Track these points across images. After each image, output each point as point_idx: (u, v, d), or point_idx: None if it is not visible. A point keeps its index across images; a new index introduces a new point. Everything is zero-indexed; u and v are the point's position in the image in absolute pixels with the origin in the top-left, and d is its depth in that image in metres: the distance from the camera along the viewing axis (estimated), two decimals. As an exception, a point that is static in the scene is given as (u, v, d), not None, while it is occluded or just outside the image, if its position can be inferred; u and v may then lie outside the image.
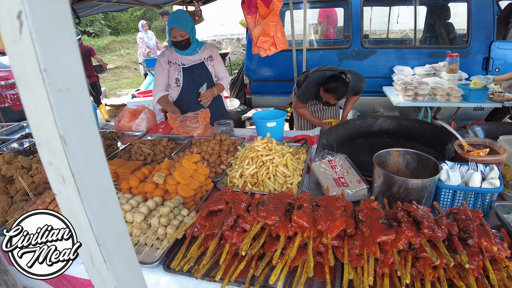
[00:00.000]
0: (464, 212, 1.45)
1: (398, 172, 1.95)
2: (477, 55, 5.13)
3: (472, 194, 1.74)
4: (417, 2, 5.53)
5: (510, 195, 1.96)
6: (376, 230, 1.35)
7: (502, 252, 1.29)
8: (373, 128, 2.91)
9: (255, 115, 2.95)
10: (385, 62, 5.29)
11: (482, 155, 1.87)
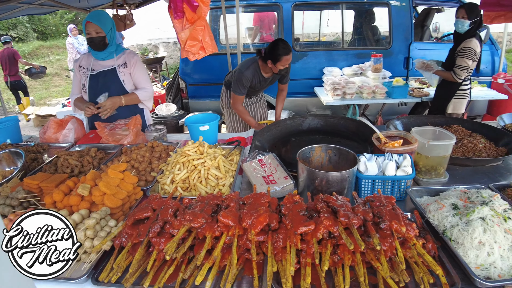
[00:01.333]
0: (379, 199, 1.58)
1: (322, 166, 2.07)
2: (399, 55, 5.58)
3: (389, 181, 1.90)
4: (344, 7, 5.87)
5: (424, 180, 2.17)
6: (297, 222, 1.42)
7: (411, 232, 1.43)
8: (303, 127, 3.05)
9: (187, 120, 2.94)
10: (316, 64, 5.55)
11: (397, 146, 2.04)
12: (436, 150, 2.06)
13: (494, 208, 1.57)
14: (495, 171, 2.42)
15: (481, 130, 2.93)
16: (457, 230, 1.51)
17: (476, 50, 3.74)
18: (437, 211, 1.65)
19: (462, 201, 1.69)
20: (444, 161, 2.13)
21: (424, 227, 1.63)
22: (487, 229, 1.47)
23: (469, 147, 2.59)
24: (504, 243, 1.45)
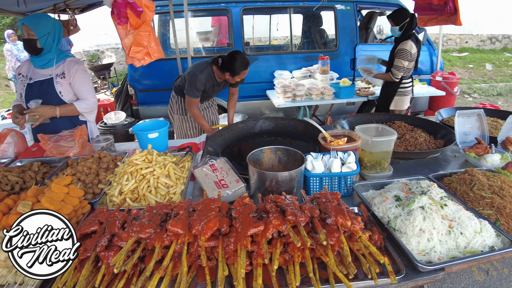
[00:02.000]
0: (325, 196, 1.63)
1: (272, 167, 2.10)
2: (345, 57, 5.81)
3: (336, 178, 1.97)
4: (292, 11, 6.00)
5: (369, 175, 2.27)
6: (247, 224, 1.43)
7: (356, 225, 1.49)
8: (255, 130, 3.07)
9: (135, 127, 2.85)
10: (267, 68, 5.63)
11: (341, 144, 2.12)
12: (379, 146, 2.17)
13: (432, 197, 1.68)
14: (434, 162, 2.59)
15: (422, 124, 3.12)
16: (400, 220, 1.60)
17: (411, 51, 3.97)
18: (382, 203, 1.73)
19: (404, 192, 1.78)
20: (387, 156, 2.25)
21: (371, 219, 1.71)
22: (426, 217, 1.57)
23: (411, 141, 2.75)
24: (442, 229, 1.56)
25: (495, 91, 9.78)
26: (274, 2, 5.76)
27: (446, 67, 10.71)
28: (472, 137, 2.75)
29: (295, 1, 5.75)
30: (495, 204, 1.76)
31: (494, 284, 2.90)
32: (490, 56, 12.46)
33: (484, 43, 14.00)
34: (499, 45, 14.25)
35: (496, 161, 2.41)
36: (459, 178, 2.04)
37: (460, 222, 1.59)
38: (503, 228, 1.69)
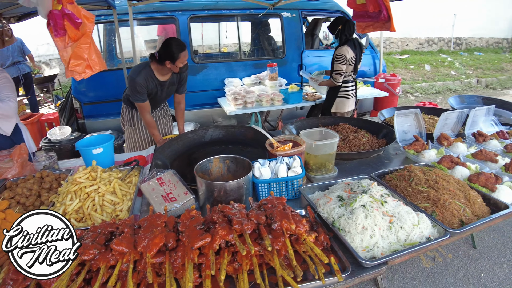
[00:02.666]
0: (271, 201, 1.66)
1: (222, 176, 2.10)
2: (293, 63, 5.96)
3: (283, 183, 2.01)
4: (239, 19, 6.05)
5: (316, 177, 2.34)
6: (193, 237, 1.42)
7: (301, 228, 1.53)
8: (205, 139, 3.06)
9: (79, 143, 2.73)
10: (217, 75, 5.63)
11: (287, 149, 2.17)
12: (323, 149, 2.25)
13: (372, 195, 1.77)
14: (377, 160, 2.72)
15: (365, 125, 3.28)
16: (343, 219, 1.67)
17: (346, 55, 4.16)
18: (326, 204, 1.79)
19: (346, 192, 1.86)
20: (331, 157, 2.33)
21: (317, 220, 1.76)
22: (368, 215, 1.65)
23: (354, 142, 2.87)
24: (383, 225, 1.64)
25: (434, 90, 10.49)
26: (221, 10, 5.78)
27: (389, 69, 11.34)
28: (411, 135, 2.93)
29: (242, 9, 5.81)
30: (431, 197, 1.89)
31: (441, 270, 3.09)
32: (428, 58, 13.36)
33: (422, 46, 15.01)
34: (435, 47, 15.35)
35: (432, 156, 2.60)
36: (399, 174, 2.17)
37: (400, 217, 1.69)
38: (438, 218, 1.81)
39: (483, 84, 11.94)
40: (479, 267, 3.13)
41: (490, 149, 2.85)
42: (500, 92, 11.43)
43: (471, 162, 2.52)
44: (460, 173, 2.31)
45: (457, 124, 3.14)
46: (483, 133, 3.05)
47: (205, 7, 5.63)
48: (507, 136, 3.15)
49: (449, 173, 2.33)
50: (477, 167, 2.43)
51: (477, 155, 2.62)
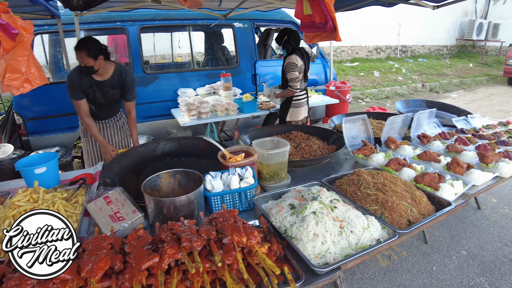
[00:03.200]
0: (222, 215, 1.63)
1: (173, 192, 2.03)
2: (246, 73, 5.99)
3: (236, 194, 1.99)
4: (191, 29, 6.01)
5: (269, 186, 2.34)
6: (141, 258, 1.36)
7: (252, 240, 1.50)
8: (156, 153, 2.96)
9: (19, 163, 2.54)
10: (170, 86, 5.52)
11: (239, 159, 2.16)
12: (275, 157, 2.26)
13: (322, 201, 1.79)
14: (328, 166, 2.78)
15: (316, 132, 3.35)
16: (295, 227, 1.67)
17: (295, 63, 4.29)
18: (278, 213, 1.79)
19: (297, 200, 1.88)
20: (284, 166, 2.35)
21: (270, 230, 1.75)
22: (319, 221, 1.66)
23: (306, 149, 2.92)
24: (334, 230, 1.66)
25: (383, 95, 11.01)
26: (173, 20, 5.70)
27: (340, 76, 11.76)
28: (359, 140, 3.04)
29: (194, 20, 5.77)
30: (379, 200, 1.96)
31: (396, 267, 3.20)
32: (377, 65, 14.02)
33: (371, 53, 15.74)
34: (383, 55, 16.16)
35: (380, 160, 2.70)
36: (349, 179, 2.23)
37: (350, 222, 1.72)
38: (387, 220, 1.87)
39: (427, 88, 12.73)
40: (431, 261, 3.29)
41: (434, 150, 3.02)
42: (442, 95, 12.23)
43: (417, 163, 2.66)
44: (407, 174, 2.42)
45: (403, 128, 3.31)
46: (427, 135, 3.23)
47: (156, 17, 5.53)
48: (448, 137, 3.36)
49: (396, 175, 2.43)
50: (422, 167, 2.56)
51: (422, 156, 2.77)
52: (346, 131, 2.94)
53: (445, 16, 18.26)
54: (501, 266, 3.24)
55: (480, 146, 3.09)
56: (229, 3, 5.10)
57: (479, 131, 3.70)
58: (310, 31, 3.08)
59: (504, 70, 15.22)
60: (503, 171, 2.64)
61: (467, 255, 3.39)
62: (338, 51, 14.46)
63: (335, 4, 5.82)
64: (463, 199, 2.27)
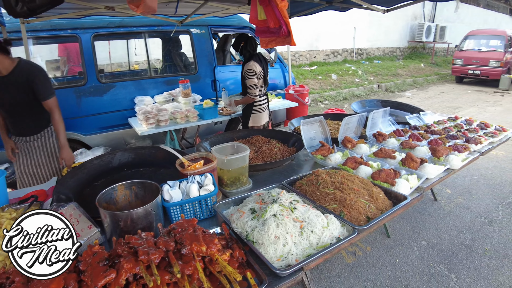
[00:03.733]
0: (181, 225, 1.59)
1: (130, 204, 1.97)
2: (206, 79, 5.96)
3: (196, 203, 1.95)
4: (147, 36, 5.88)
5: (231, 191, 2.32)
6: (97, 275, 1.29)
7: (213, 248, 1.48)
8: (113, 164, 2.86)
9: (-42, 184, 2.36)
10: (126, 94, 5.37)
11: (198, 167, 2.12)
12: (235, 163, 2.25)
13: (282, 203, 1.80)
14: (289, 168, 2.81)
15: (277, 135, 3.38)
16: (256, 231, 1.66)
17: (254, 70, 4.32)
18: (239, 219, 1.78)
19: (258, 203, 1.88)
20: (245, 170, 2.35)
21: (232, 236, 1.74)
22: (279, 224, 1.67)
23: (267, 153, 2.94)
24: (294, 231, 1.67)
25: (341, 97, 11.35)
26: (128, 27, 5.56)
27: (300, 80, 11.99)
28: (318, 141, 3.09)
29: (150, 26, 5.65)
30: (338, 198, 2.00)
31: (362, 263, 3.28)
32: (334, 68, 14.44)
33: (329, 57, 16.18)
34: (340, 58, 16.68)
35: (338, 159, 2.77)
36: (308, 180, 2.26)
37: (310, 221, 1.74)
38: (346, 218, 1.91)
39: (383, 88, 13.27)
40: (394, 254, 3.41)
41: (389, 147, 3.14)
42: (397, 94, 12.80)
43: (373, 160, 2.75)
44: (364, 172, 2.49)
45: (358, 127, 3.42)
46: (382, 133, 3.35)
47: (110, 25, 5.37)
48: (403, 134, 3.51)
49: (354, 173, 2.49)
50: (378, 164, 2.65)
51: (378, 154, 2.87)
52: (304, 133, 2.99)
53: (396, 20, 19.25)
54: (458, 252, 3.43)
55: (432, 141, 3.26)
56: (185, 9, 5.06)
57: (430, 127, 3.91)
58: (265, 36, 3.12)
59: (452, 69, 16.25)
60: (453, 163, 2.80)
61: (427, 245, 3.56)
62: (296, 55, 14.75)
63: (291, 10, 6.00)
64: (418, 192, 2.38)
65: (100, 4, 4.40)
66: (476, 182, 5.20)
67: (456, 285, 3.00)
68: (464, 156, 3.00)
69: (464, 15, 25.27)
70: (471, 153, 3.16)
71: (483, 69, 15.06)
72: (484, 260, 3.33)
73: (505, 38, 15.08)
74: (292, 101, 6.20)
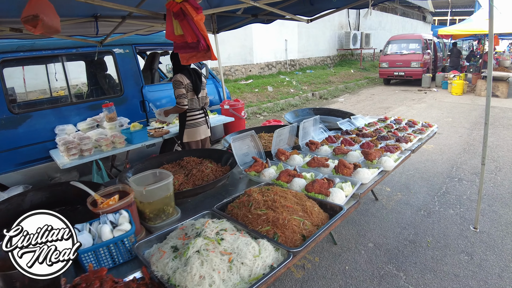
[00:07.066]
0: (86, 279, 1.33)
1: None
2: (133, 100, 5.59)
3: (111, 246, 1.69)
4: (66, 59, 5.41)
5: (156, 226, 2.08)
6: None
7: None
8: (24, 207, 2.48)
9: None
10: (45, 124, 4.85)
11: (112, 203, 1.86)
12: (157, 193, 2.01)
13: (207, 236, 1.61)
14: (222, 189, 2.63)
15: (210, 154, 3.20)
16: (178, 274, 1.45)
17: (181, 81, 4.23)
18: (159, 260, 1.56)
19: (181, 239, 1.66)
20: (169, 200, 2.12)
21: (153, 281, 1.51)
22: (204, 261, 1.47)
23: (198, 175, 2.73)
24: (222, 267, 1.49)
25: (279, 107, 11.47)
26: (41, 51, 5.04)
27: (237, 94, 11.94)
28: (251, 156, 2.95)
29: (67, 49, 5.19)
30: (270, 219, 1.85)
31: (312, 275, 3.17)
32: (269, 80, 14.64)
33: (264, 70, 16.42)
34: (275, 70, 17.01)
35: (272, 174, 2.64)
36: (239, 201, 2.09)
37: (239, 252, 1.57)
38: (281, 240, 1.76)
39: (317, 96, 13.69)
40: (343, 261, 3.35)
41: (322, 155, 3.09)
42: (331, 100, 13.27)
43: (307, 171, 2.66)
44: (298, 184, 2.38)
45: (291, 138, 3.34)
46: (314, 141, 3.31)
47: (20, 49, 4.82)
48: (335, 140, 3.50)
49: (288, 187, 2.38)
50: (312, 175, 2.57)
51: (311, 163, 2.79)
52: (236, 149, 2.83)
53: (324, 30, 20.23)
54: (403, 249, 3.47)
55: (364, 144, 3.28)
56: (107, 29, 4.74)
57: (362, 130, 3.97)
58: (185, 52, 2.94)
59: (379, 73, 17.39)
60: (386, 165, 2.83)
61: (374, 246, 3.56)
62: (232, 70, 14.76)
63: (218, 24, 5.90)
64: (355, 199, 2.32)
65: (5, 26, 3.94)
66: (412, 176, 5.43)
67: (406, 282, 3.02)
68: (396, 156, 3.05)
69: (385, 23, 27.35)
70: (403, 152, 3.23)
71: (407, 70, 16.31)
72: (428, 252, 3.41)
73: (421, 41, 16.48)
74: (228, 116, 6.06)
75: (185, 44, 2.87)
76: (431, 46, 17.77)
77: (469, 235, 3.70)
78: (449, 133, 7.95)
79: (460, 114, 9.93)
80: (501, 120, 9.15)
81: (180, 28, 2.76)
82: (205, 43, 2.71)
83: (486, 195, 4.68)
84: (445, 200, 4.58)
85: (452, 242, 3.57)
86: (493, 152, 6.58)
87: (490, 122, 8.75)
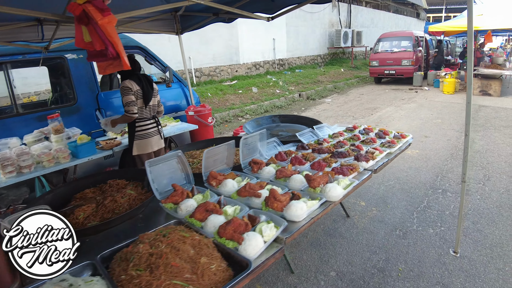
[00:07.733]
0: None
1: None
2: (88, 109, 5.18)
3: None
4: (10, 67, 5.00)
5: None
6: None
7: None
8: None
9: None
10: (-14, 139, 4.43)
11: None
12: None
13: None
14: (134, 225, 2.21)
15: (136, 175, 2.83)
16: None
17: (129, 87, 3.88)
18: None
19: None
20: None
21: None
22: None
23: (109, 206, 2.31)
24: None
25: (263, 109, 11.04)
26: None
27: (219, 96, 11.49)
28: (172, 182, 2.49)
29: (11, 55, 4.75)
30: (143, 285, 1.42)
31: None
32: (255, 80, 14.18)
33: (251, 70, 15.98)
34: (262, 70, 16.58)
35: (191, 207, 2.17)
36: (125, 252, 1.66)
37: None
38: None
39: (304, 97, 13.24)
40: (298, 296, 2.94)
41: (263, 178, 2.66)
42: (318, 101, 12.83)
43: (234, 203, 2.21)
44: (213, 225, 1.90)
45: (230, 157, 2.88)
46: (258, 160, 2.87)
47: (-43, 56, 4.44)
48: (285, 157, 3.08)
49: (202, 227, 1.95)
50: (236, 209, 2.12)
51: (241, 192, 2.30)
52: (152, 175, 2.34)
53: (314, 29, 19.78)
54: (369, 280, 3.08)
55: (314, 164, 2.85)
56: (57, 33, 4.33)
57: (322, 143, 3.56)
58: (100, 61, 2.54)
59: (370, 71, 16.96)
60: (330, 195, 2.30)
61: (336, 276, 3.16)
62: (217, 70, 14.33)
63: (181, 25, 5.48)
64: (278, 246, 1.83)
65: None
66: (392, 188, 5.01)
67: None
68: (348, 180, 2.57)
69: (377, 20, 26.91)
70: (361, 173, 2.82)
71: (397, 68, 15.87)
72: (398, 284, 3.00)
73: (412, 38, 16.05)
74: (193, 123, 5.64)
75: (98, 53, 2.47)
76: (423, 44, 17.36)
77: (448, 261, 3.28)
78: (437, 136, 7.54)
79: (451, 115, 9.52)
80: (492, 121, 8.74)
81: (88, 35, 2.36)
82: (114, 50, 2.30)
83: (471, 210, 4.26)
84: (425, 216, 4.16)
85: (427, 271, 3.15)
86: (483, 157, 6.16)
87: (481, 124, 8.41)
